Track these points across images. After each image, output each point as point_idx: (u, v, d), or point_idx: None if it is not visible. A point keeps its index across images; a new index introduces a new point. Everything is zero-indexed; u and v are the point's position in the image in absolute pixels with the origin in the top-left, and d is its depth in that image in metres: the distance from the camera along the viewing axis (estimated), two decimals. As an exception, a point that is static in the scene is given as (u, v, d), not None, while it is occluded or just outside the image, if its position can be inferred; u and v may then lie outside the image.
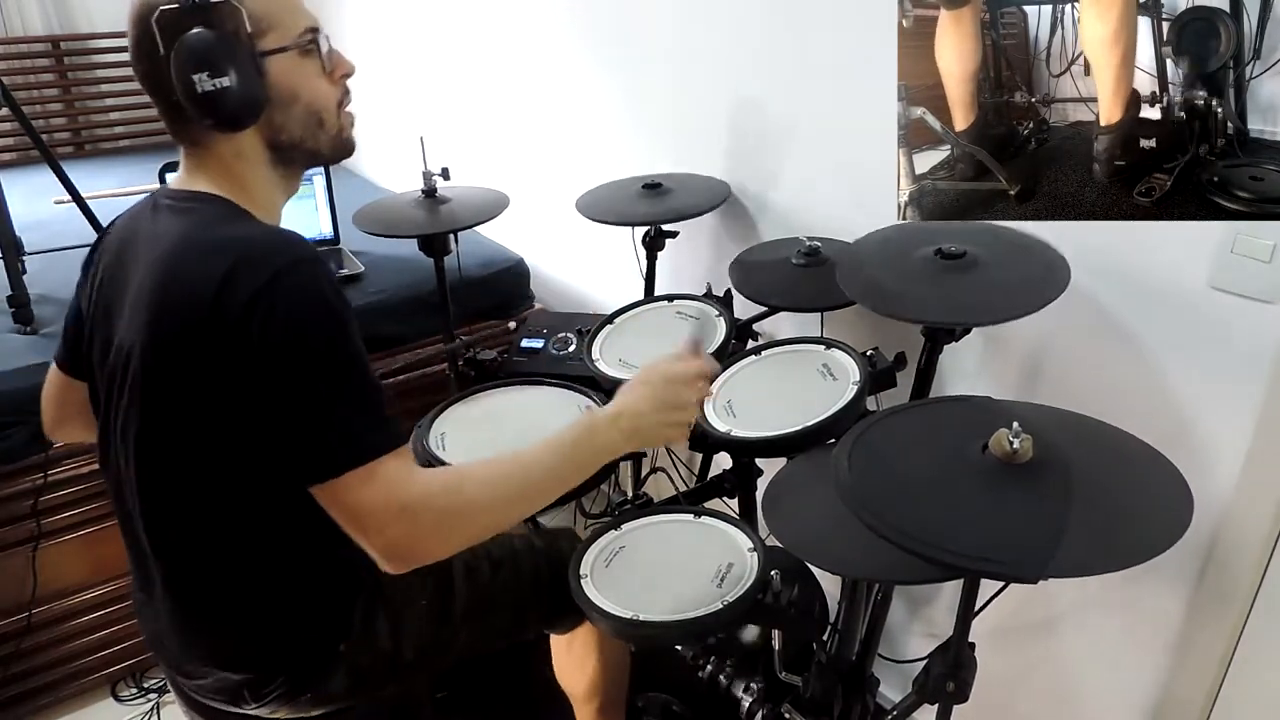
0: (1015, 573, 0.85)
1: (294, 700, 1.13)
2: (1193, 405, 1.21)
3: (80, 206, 2.15)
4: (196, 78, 0.93)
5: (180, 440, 0.99)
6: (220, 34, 0.95)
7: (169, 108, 0.99)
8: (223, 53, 0.95)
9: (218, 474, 1.00)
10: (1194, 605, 1.27)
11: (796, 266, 1.51)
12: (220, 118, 0.97)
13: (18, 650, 1.85)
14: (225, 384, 0.93)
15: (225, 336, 0.91)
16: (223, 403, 0.94)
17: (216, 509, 1.02)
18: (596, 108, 2.16)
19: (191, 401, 0.96)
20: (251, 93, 0.98)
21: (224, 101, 0.95)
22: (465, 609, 1.25)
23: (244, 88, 0.96)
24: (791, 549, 1.08)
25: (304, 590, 1.09)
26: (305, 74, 1.03)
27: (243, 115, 0.98)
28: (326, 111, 1.06)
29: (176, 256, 0.96)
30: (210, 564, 1.05)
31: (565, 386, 1.51)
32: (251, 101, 0.98)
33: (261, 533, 1.04)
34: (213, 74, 0.94)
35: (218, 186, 1.03)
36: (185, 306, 0.93)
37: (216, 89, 0.94)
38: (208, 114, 0.96)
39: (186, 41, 0.94)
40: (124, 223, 1.10)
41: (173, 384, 0.96)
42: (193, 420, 0.97)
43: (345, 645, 1.14)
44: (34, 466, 1.80)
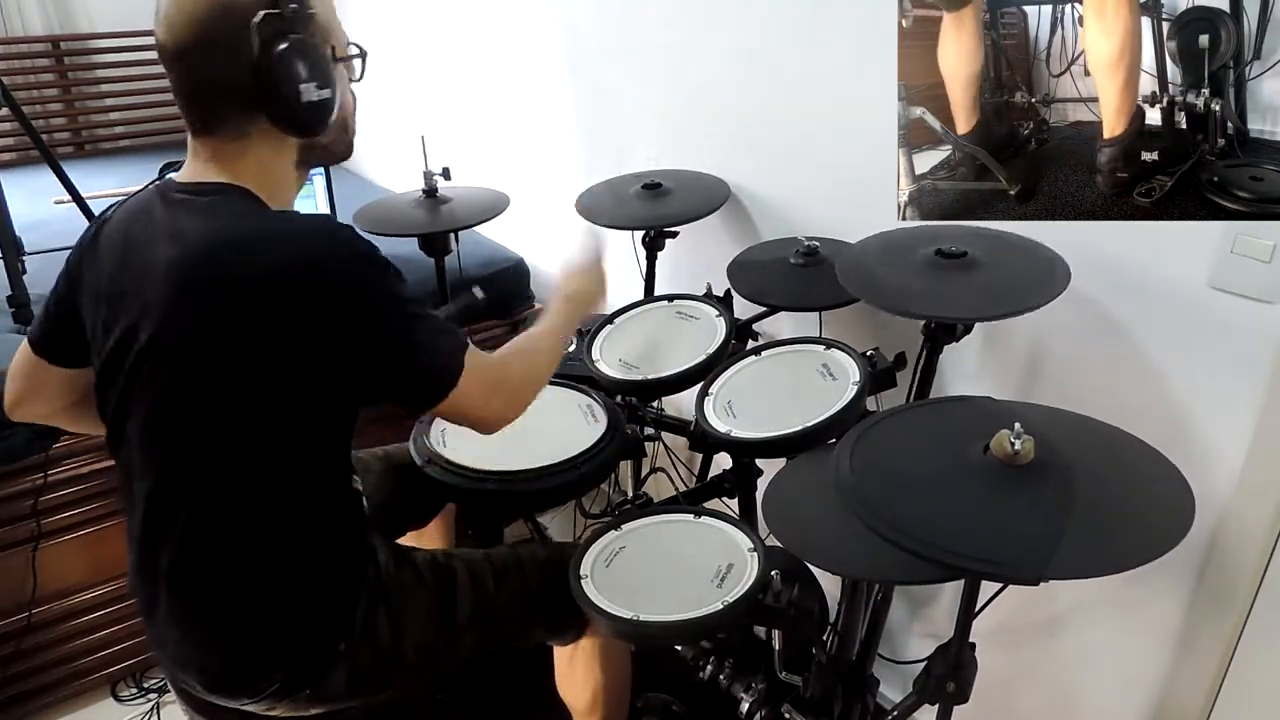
0: (1015, 574, 0.85)
1: (293, 697, 1.13)
2: (1193, 405, 1.21)
3: (80, 206, 2.15)
4: (304, 87, 0.97)
5: (206, 431, 1.00)
6: (316, 44, 0.99)
7: (222, 105, 0.99)
8: (323, 65, 1.00)
9: (238, 468, 1.01)
10: (1194, 605, 1.27)
11: (796, 266, 1.51)
12: (308, 125, 1.01)
13: (18, 650, 1.85)
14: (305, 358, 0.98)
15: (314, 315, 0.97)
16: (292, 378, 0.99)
17: (228, 504, 1.03)
18: (597, 108, 2.16)
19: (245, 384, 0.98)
20: (334, 103, 1.02)
21: (320, 110, 1.00)
22: (469, 616, 1.25)
23: (335, 98, 1.01)
24: (791, 549, 1.08)
25: (307, 587, 1.09)
26: (345, 82, 1.09)
27: (324, 123, 1.03)
28: (351, 117, 1.12)
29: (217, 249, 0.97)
30: (217, 557, 1.05)
31: (565, 386, 1.51)
32: (331, 112, 1.03)
33: (268, 529, 1.05)
34: (317, 84, 0.98)
35: (238, 179, 1.03)
36: (261, 291, 0.96)
37: (319, 100, 0.99)
38: (298, 121, 1.00)
39: (295, 49, 0.96)
40: (128, 215, 1.09)
41: (226, 368, 0.98)
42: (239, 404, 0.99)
43: (346, 644, 1.14)
44: (34, 466, 1.80)
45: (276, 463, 1.03)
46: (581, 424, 1.42)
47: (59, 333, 1.15)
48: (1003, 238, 1.28)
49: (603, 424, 1.40)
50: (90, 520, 1.89)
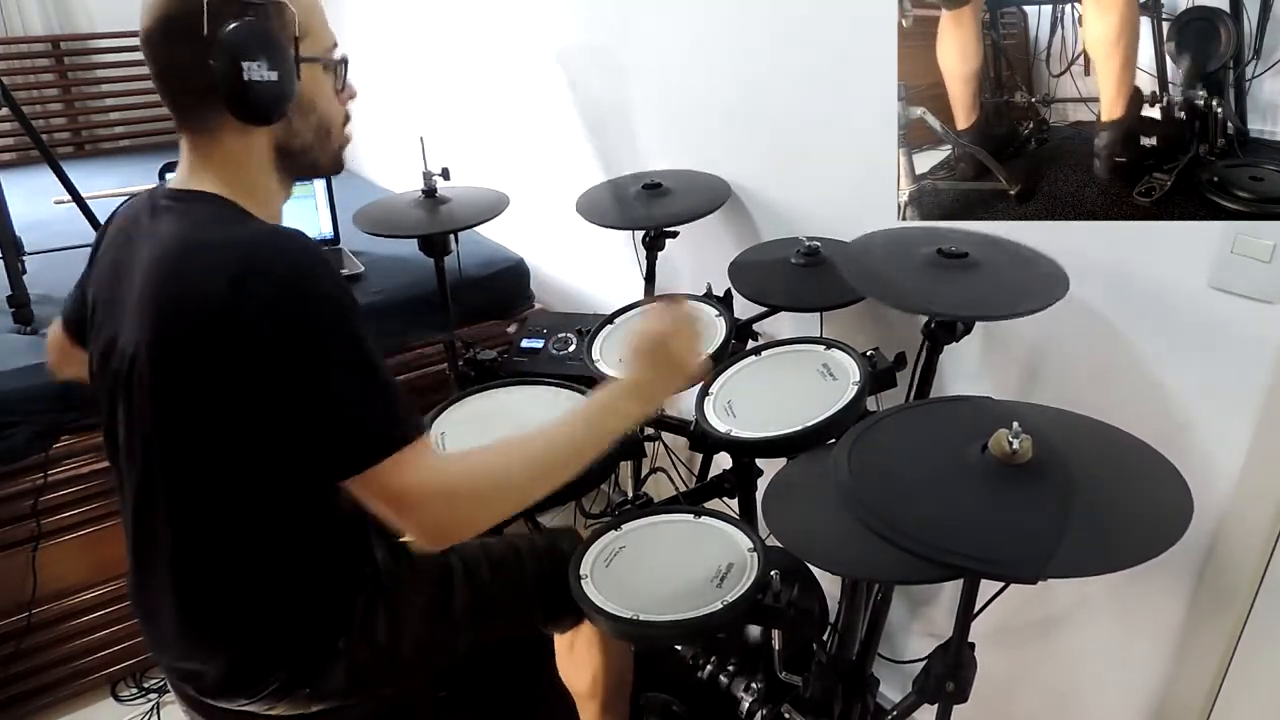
0: (1015, 573, 0.85)
1: (292, 695, 1.13)
2: (1192, 405, 1.21)
3: (80, 206, 2.15)
4: (245, 65, 0.94)
5: (184, 437, 1.00)
6: (274, 29, 0.98)
7: (187, 93, 0.99)
8: (275, 47, 0.97)
9: (223, 470, 1.01)
10: (1194, 605, 1.27)
11: (796, 266, 1.51)
12: (255, 108, 0.98)
13: (18, 650, 1.85)
14: (238, 384, 0.94)
15: (238, 338, 0.92)
16: (234, 402, 0.95)
17: (220, 503, 1.03)
18: (596, 107, 2.16)
19: (199, 400, 0.96)
20: (289, 90, 1.00)
21: (264, 93, 0.97)
22: (466, 610, 1.25)
23: (285, 84, 0.99)
24: (791, 549, 1.08)
25: (304, 584, 1.09)
26: (323, 87, 1.07)
27: (274, 110, 1.00)
28: (335, 126, 1.10)
29: (180, 257, 0.97)
30: (212, 556, 1.05)
31: (564, 387, 1.51)
32: (286, 99, 1.00)
33: (265, 527, 1.05)
34: (261, 65, 0.95)
35: (220, 185, 1.03)
36: (194, 307, 0.94)
37: (262, 80, 0.96)
38: (243, 102, 0.97)
39: (243, 28, 0.95)
40: (123, 219, 1.10)
41: (179, 383, 0.97)
42: (199, 418, 0.98)
43: (344, 641, 1.14)
44: (34, 466, 1.80)
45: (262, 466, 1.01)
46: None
47: (81, 317, 1.16)
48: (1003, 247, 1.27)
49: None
50: (90, 520, 1.89)
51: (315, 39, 1.05)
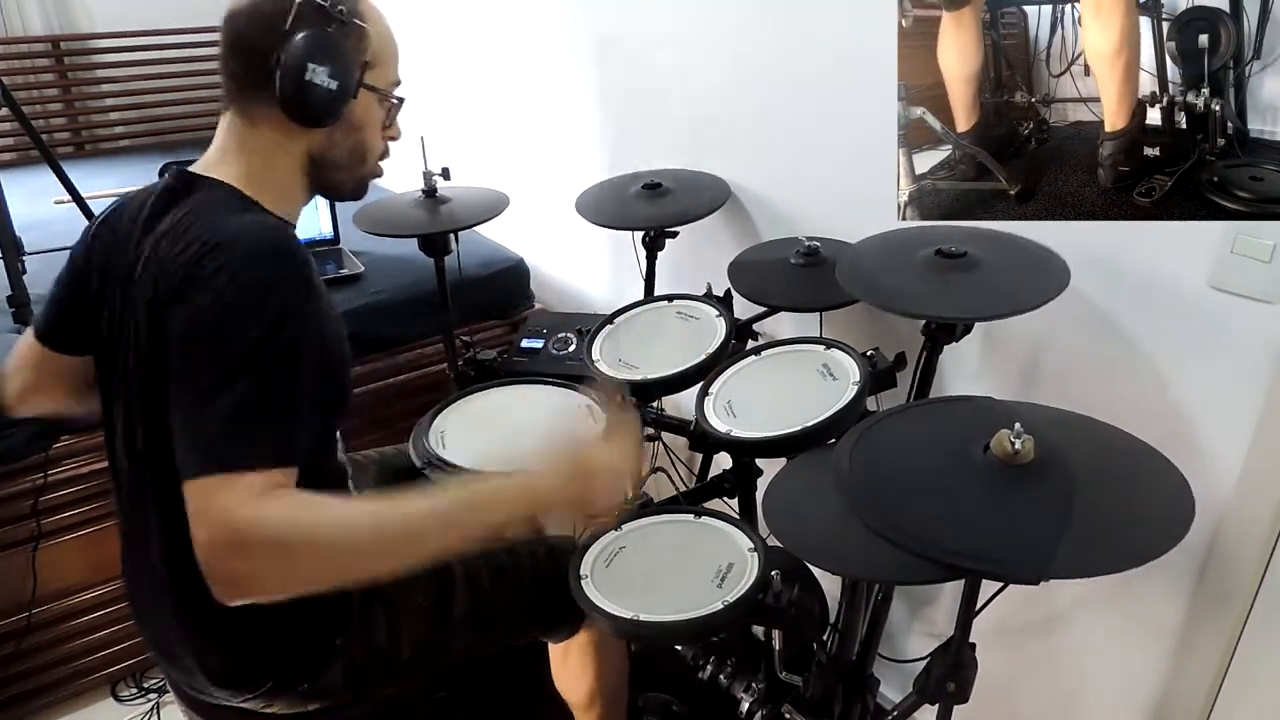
0: (1016, 574, 0.85)
1: (290, 693, 1.13)
2: (1192, 405, 1.21)
3: (80, 206, 2.15)
4: (311, 67, 0.99)
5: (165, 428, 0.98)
6: (348, 46, 1.04)
7: (246, 75, 1.03)
8: (344, 63, 1.03)
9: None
10: (1194, 605, 1.27)
11: (796, 266, 1.51)
12: (304, 109, 1.02)
13: (18, 650, 1.85)
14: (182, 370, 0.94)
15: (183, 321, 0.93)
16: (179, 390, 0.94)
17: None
18: (597, 107, 2.16)
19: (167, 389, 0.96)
20: (341, 103, 1.04)
21: (317, 97, 1.01)
22: (465, 615, 1.25)
23: (338, 97, 1.03)
24: (791, 549, 1.08)
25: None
26: (373, 117, 1.12)
27: (321, 116, 1.04)
28: (371, 154, 1.15)
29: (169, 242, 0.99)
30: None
31: (564, 386, 1.51)
32: (336, 111, 1.05)
33: None
34: (326, 73, 1.00)
35: (240, 174, 1.05)
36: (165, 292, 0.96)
37: (320, 85, 1.00)
38: (295, 99, 1.01)
39: (321, 35, 1.01)
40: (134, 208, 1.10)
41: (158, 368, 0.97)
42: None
43: (341, 639, 1.14)
44: (34, 466, 1.80)
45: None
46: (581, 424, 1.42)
47: (65, 320, 1.16)
48: (1002, 238, 1.28)
49: (602, 424, 1.40)
50: (90, 520, 1.89)
51: (382, 71, 1.11)
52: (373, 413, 2.14)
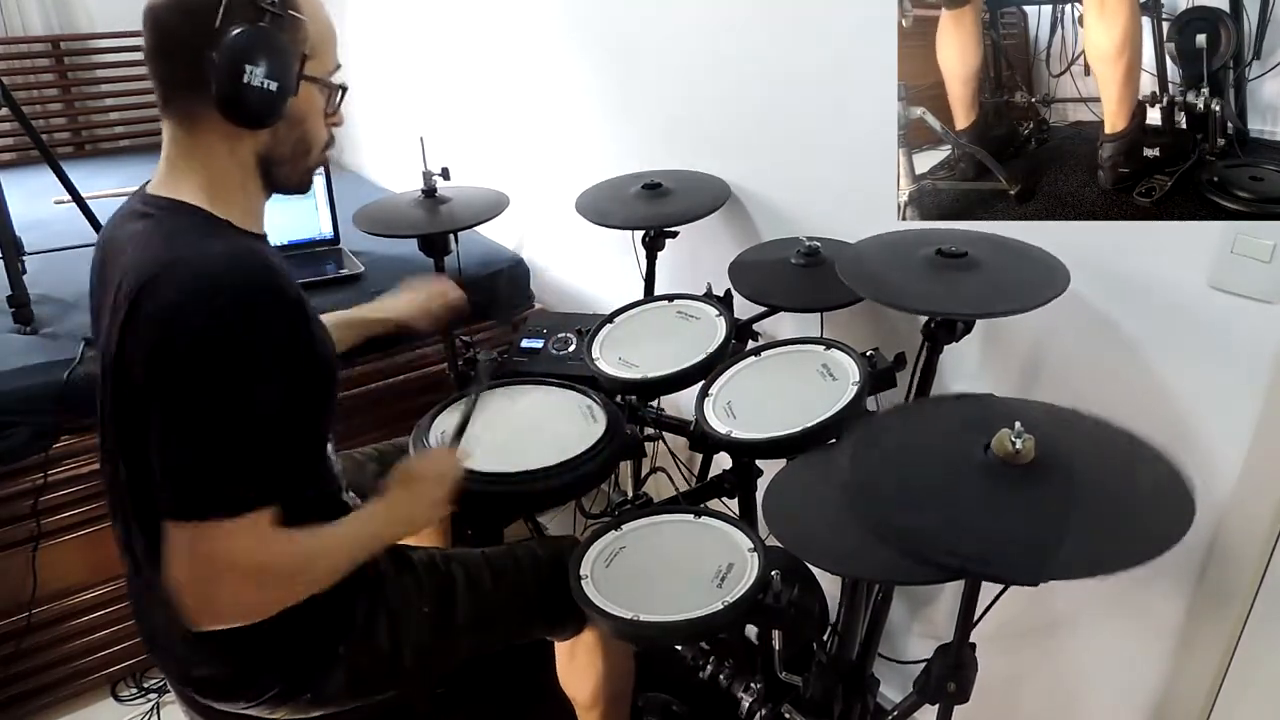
0: (1015, 575, 0.85)
1: (294, 700, 1.13)
2: (1192, 405, 1.21)
3: (80, 206, 2.15)
4: (248, 68, 0.93)
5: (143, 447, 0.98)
6: (286, 40, 0.98)
7: (178, 79, 0.99)
8: (283, 60, 0.97)
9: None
10: (1194, 605, 1.27)
11: (796, 266, 1.51)
12: (245, 112, 0.98)
13: (18, 650, 1.85)
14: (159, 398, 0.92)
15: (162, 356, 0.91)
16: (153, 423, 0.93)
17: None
18: (597, 107, 2.15)
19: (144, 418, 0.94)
20: (280, 103, 0.99)
21: (259, 100, 0.96)
22: (468, 619, 1.25)
23: (281, 96, 0.98)
24: (791, 549, 1.08)
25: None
26: (315, 107, 1.07)
27: (264, 118, 1.00)
28: (315, 146, 1.09)
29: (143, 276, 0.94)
30: None
31: (565, 387, 1.51)
32: (278, 110, 1.00)
33: None
34: (264, 73, 0.95)
35: (200, 191, 1.01)
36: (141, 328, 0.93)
37: (260, 87, 0.95)
38: (235, 104, 0.96)
39: (256, 33, 0.94)
40: (111, 225, 1.09)
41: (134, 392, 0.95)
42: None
43: (344, 646, 1.14)
44: (34, 466, 1.80)
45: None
46: (581, 424, 1.42)
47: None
48: (1003, 242, 1.28)
49: (602, 424, 1.40)
50: (90, 520, 1.89)
51: (321, 60, 1.05)
52: (373, 413, 2.14)
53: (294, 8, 1.00)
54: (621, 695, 1.47)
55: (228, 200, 1.03)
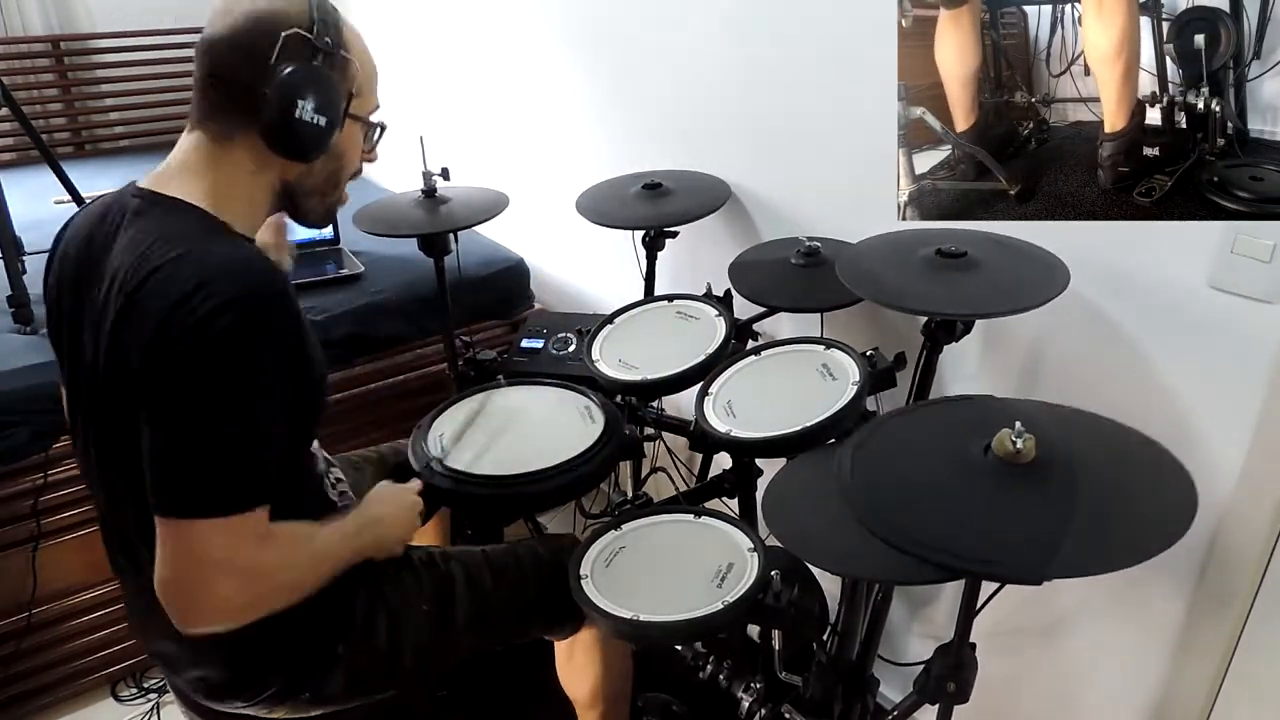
0: (1016, 575, 0.85)
1: (292, 700, 1.13)
2: (1192, 405, 1.21)
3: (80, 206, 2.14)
4: (300, 103, 0.97)
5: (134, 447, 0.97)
6: (336, 79, 1.02)
7: (225, 104, 1.00)
8: (333, 100, 1.01)
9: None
10: (1194, 605, 1.27)
11: (796, 267, 1.51)
12: (291, 145, 1.01)
13: (18, 650, 1.85)
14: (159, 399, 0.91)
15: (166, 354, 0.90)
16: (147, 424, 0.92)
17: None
18: (597, 107, 2.16)
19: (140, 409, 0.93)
20: (328, 140, 1.03)
21: (307, 134, 0.99)
22: (467, 618, 1.25)
23: (328, 132, 1.01)
24: (791, 549, 1.08)
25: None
26: (354, 143, 1.11)
27: (309, 152, 1.03)
28: (344, 180, 1.13)
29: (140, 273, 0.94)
30: None
31: (564, 387, 1.51)
32: (323, 146, 1.03)
33: None
34: (316, 110, 0.98)
35: (206, 193, 1.01)
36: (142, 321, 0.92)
37: (310, 122, 0.98)
38: (283, 136, 0.99)
39: (311, 71, 0.98)
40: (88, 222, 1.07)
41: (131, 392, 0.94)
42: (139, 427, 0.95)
43: (343, 646, 1.14)
44: (34, 466, 1.80)
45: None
46: (580, 425, 1.42)
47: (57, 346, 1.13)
48: (1003, 242, 1.28)
49: (600, 424, 1.40)
50: (90, 520, 1.89)
51: (366, 99, 1.09)
52: (373, 413, 2.14)
53: (345, 48, 1.04)
54: (620, 694, 1.47)
55: (230, 207, 1.02)
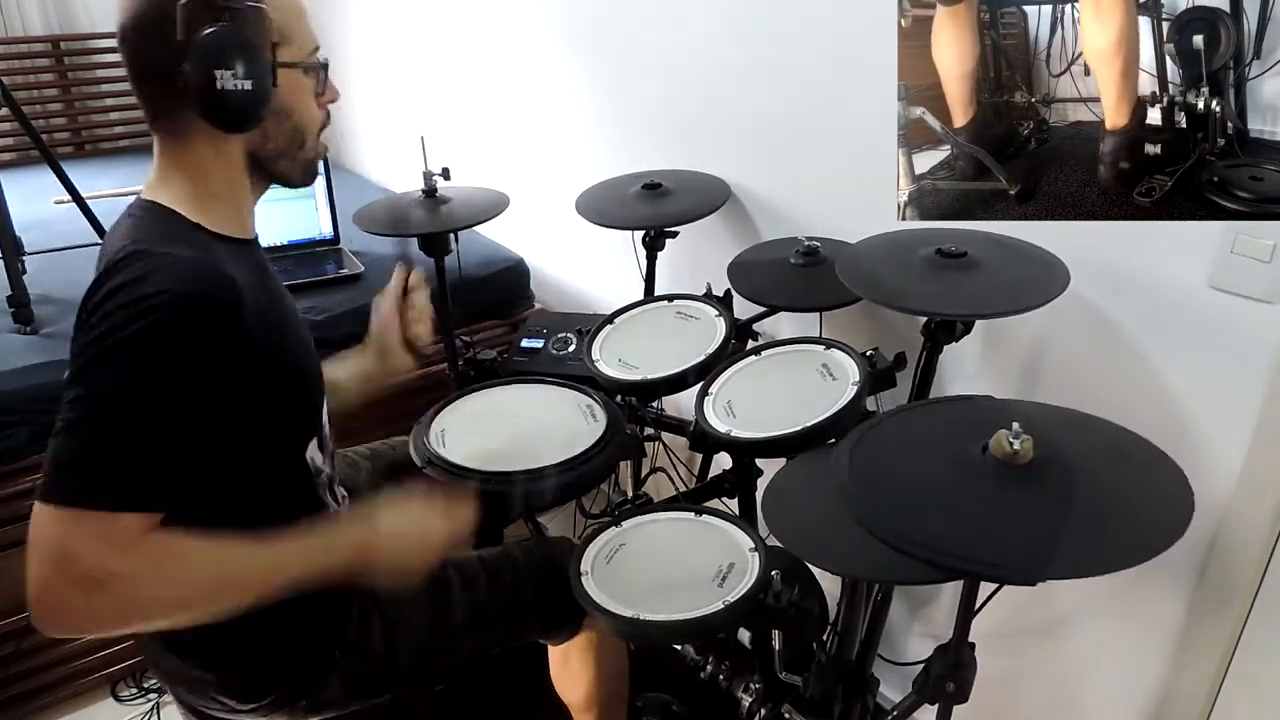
0: (1013, 575, 0.85)
1: (290, 706, 1.12)
2: (1192, 405, 1.21)
3: (80, 206, 2.15)
4: (219, 73, 0.91)
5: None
6: (250, 35, 0.95)
7: (161, 96, 0.97)
8: (250, 55, 0.94)
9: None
10: (1194, 605, 1.27)
11: (796, 266, 1.51)
12: (228, 117, 0.96)
13: (18, 650, 1.85)
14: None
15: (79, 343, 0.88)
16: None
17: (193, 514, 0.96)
18: (597, 107, 2.16)
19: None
20: (263, 99, 0.97)
21: (238, 102, 0.94)
22: (463, 620, 1.24)
23: (259, 93, 0.96)
24: (791, 549, 1.08)
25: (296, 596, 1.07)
26: (302, 92, 1.04)
27: (248, 119, 0.97)
28: (309, 133, 1.07)
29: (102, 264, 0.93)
30: None
31: (565, 386, 1.51)
32: (260, 107, 0.97)
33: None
34: (236, 74, 0.92)
35: (180, 195, 1.00)
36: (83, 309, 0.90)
37: (237, 89, 0.93)
38: (217, 111, 0.94)
39: (218, 35, 0.92)
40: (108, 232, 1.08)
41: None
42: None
43: (339, 652, 1.13)
44: (34, 466, 1.79)
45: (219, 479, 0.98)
46: (581, 424, 1.42)
47: None
48: (1003, 241, 1.28)
49: (602, 424, 1.40)
50: (90, 520, 1.89)
51: (295, 43, 1.02)
52: (373, 412, 2.13)
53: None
54: (616, 698, 1.47)
55: (209, 206, 1.01)
